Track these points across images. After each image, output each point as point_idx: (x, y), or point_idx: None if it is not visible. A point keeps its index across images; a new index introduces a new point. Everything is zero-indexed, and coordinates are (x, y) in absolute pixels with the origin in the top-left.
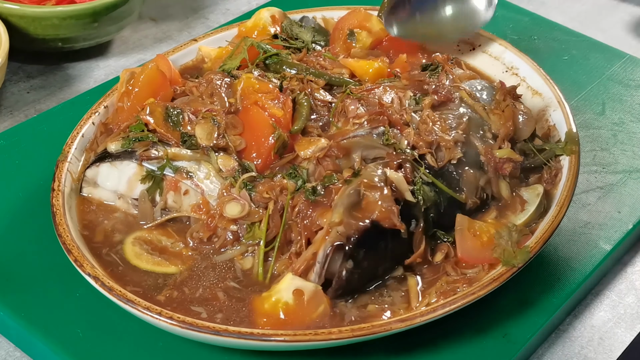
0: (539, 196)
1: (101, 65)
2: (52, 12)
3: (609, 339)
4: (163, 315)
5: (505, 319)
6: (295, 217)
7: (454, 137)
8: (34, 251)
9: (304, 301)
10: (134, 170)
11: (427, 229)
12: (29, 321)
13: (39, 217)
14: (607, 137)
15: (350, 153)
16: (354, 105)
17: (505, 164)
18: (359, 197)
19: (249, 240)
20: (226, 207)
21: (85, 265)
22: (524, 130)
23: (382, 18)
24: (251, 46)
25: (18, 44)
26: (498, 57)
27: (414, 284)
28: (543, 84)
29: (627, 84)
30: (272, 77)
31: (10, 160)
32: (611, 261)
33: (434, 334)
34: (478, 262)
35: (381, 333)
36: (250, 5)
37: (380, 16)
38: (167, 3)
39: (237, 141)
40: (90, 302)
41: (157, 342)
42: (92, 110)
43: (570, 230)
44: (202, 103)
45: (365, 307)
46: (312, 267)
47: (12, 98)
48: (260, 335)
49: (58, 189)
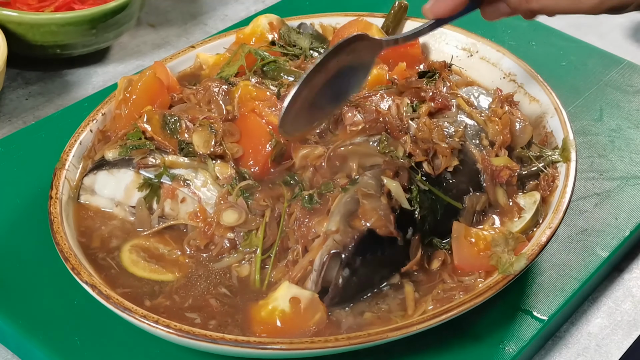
0: (536, 203)
1: (100, 71)
2: (50, 19)
3: (606, 345)
4: (160, 323)
5: (501, 327)
6: (292, 224)
7: (451, 145)
8: (31, 258)
9: (300, 309)
10: (131, 178)
11: (424, 237)
12: (27, 329)
13: (37, 225)
14: (605, 144)
15: (347, 161)
16: (351, 113)
17: (502, 171)
18: (356, 205)
19: (246, 247)
20: (223, 215)
21: (83, 274)
22: (521, 137)
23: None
24: (249, 53)
25: (16, 51)
26: (496, 64)
27: (411, 291)
28: (540, 90)
29: (625, 90)
30: (269, 84)
31: (8, 167)
32: (608, 268)
33: (430, 341)
34: (475, 269)
35: (377, 341)
36: (248, 12)
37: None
38: (165, 9)
39: (235, 149)
40: (87, 309)
41: (154, 350)
42: (89, 118)
43: (567, 237)
44: (200, 110)
45: (362, 315)
46: (309, 274)
47: (10, 105)
48: (257, 344)
49: (56, 197)
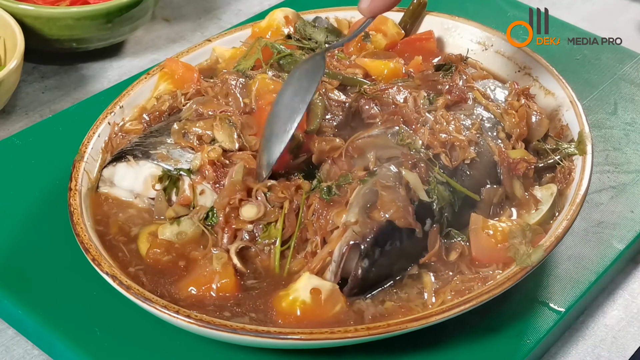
0: (553, 196)
1: (115, 65)
2: (66, 13)
3: (622, 337)
4: (180, 313)
5: (518, 318)
6: (311, 216)
7: (468, 137)
8: (51, 250)
9: (321, 300)
10: (151, 170)
11: (442, 228)
12: (47, 320)
13: (56, 217)
14: (620, 137)
15: (365, 153)
16: (368, 105)
17: (519, 164)
18: (375, 197)
19: (265, 239)
20: (242, 210)
21: (103, 264)
22: (537, 130)
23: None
24: (265, 46)
25: (33, 45)
26: (511, 57)
27: (429, 282)
28: (556, 83)
29: (639, 84)
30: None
31: (26, 160)
32: (624, 260)
33: (448, 332)
34: (492, 261)
35: (397, 331)
36: (262, 6)
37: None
38: (180, 4)
39: (253, 141)
40: (107, 300)
41: (175, 341)
42: (107, 110)
43: (584, 230)
44: (218, 104)
45: (383, 304)
46: (328, 265)
47: (27, 98)
48: (277, 334)
49: (75, 189)
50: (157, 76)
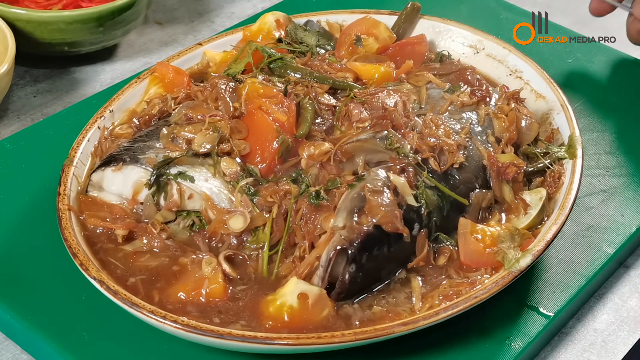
0: (542, 200)
1: (107, 69)
2: (58, 17)
3: (612, 342)
4: (167, 318)
5: (507, 323)
6: (299, 221)
7: (457, 141)
8: (40, 254)
9: (308, 305)
10: (139, 174)
11: (430, 233)
12: (36, 324)
13: (45, 221)
14: (611, 140)
15: (354, 157)
16: (357, 109)
17: (508, 168)
18: (362, 201)
19: (253, 244)
20: (230, 223)
21: (91, 269)
22: (527, 134)
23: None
24: (256, 50)
25: (24, 48)
26: (502, 61)
27: (417, 286)
28: (547, 87)
29: (631, 87)
30: (276, 82)
31: (17, 164)
32: (614, 264)
33: (436, 336)
34: (481, 265)
35: (384, 336)
36: (255, 9)
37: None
38: (172, 7)
39: (242, 145)
40: (96, 304)
41: (162, 345)
42: (97, 115)
43: (574, 234)
44: (207, 108)
45: (370, 309)
46: (316, 270)
47: (18, 102)
48: (264, 339)
49: (64, 193)
50: (147, 80)
